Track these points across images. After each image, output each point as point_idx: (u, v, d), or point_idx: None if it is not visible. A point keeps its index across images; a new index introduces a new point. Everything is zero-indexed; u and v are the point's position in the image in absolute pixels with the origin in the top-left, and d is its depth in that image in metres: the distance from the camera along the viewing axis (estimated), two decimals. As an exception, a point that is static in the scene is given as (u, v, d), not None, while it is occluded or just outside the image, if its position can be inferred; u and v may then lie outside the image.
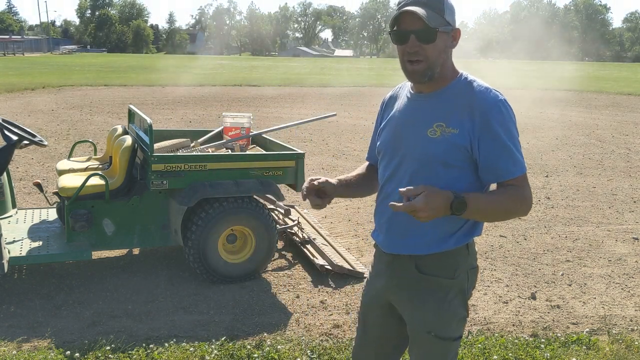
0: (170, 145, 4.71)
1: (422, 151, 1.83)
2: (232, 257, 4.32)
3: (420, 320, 1.93)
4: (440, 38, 1.78)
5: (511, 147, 1.78)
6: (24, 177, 7.36)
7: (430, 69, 1.80)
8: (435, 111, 1.84)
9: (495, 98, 1.78)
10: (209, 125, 11.97)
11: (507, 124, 1.78)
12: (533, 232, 5.79)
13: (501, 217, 1.91)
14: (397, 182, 1.89)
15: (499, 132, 1.76)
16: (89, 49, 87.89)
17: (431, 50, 1.78)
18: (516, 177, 1.80)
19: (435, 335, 1.91)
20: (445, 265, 1.89)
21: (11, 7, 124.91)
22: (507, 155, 1.78)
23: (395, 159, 1.92)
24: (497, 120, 1.77)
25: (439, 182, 1.78)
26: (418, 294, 1.93)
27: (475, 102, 1.78)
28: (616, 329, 3.78)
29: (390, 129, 1.96)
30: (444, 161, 1.80)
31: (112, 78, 25.77)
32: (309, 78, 29.51)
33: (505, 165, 1.79)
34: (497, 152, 1.77)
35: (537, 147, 10.77)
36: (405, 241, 1.91)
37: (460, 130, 1.78)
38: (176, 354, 3.30)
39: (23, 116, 12.92)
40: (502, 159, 1.78)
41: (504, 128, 1.77)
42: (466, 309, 1.95)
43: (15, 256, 3.88)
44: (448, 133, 1.79)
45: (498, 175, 1.81)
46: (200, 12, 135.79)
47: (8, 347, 3.33)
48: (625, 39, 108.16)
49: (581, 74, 39.03)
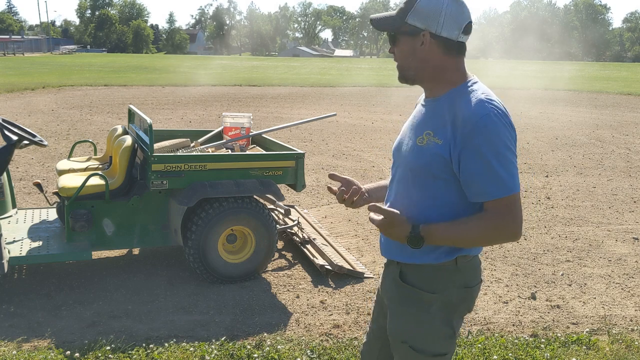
0: (170, 145, 4.71)
1: (410, 159, 1.81)
2: (232, 257, 4.32)
3: (395, 328, 1.91)
4: (403, 41, 1.78)
5: (494, 165, 1.64)
6: (24, 177, 7.36)
7: (401, 70, 1.83)
8: (428, 119, 1.80)
9: (483, 111, 1.66)
10: (209, 125, 11.98)
11: (491, 140, 1.64)
12: (533, 232, 5.79)
13: (478, 244, 1.81)
14: (395, 189, 1.91)
15: (480, 148, 1.64)
16: (89, 49, 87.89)
17: (397, 53, 1.82)
18: (498, 199, 1.66)
19: (410, 346, 1.86)
20: (426, 278, 1.84)
21: (11, 7, 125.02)
22: (488, 174, 1.65)
23: (396, 165, 1.93)
24: (481, 135, 1.64)
25: (428, 193, 1.76)
26: (398, 301, 1.90)
27: (461, 113, 1.68)
28: (616, 329, 3.78)
29: (400, 133, 1.98)
30: (429, 171, 1.75)
31: (112, 78, 25.77)
32: (309, 78, 29.51)
33: (484, 185, 1.66)
34: (477, 169, 1.65)
35: (537, 147, 10.78)
36: (393, 247, 1.89)
37: (444, 141, 1.70)
38: (176, 354, 3.30)
39: (23, 116, 12.92)
40: (482, 178, 1.66)
41: (487, 144, 1.64)
42: (452, 326, 1.86)
43: (15, 256, 3.88)
44: (432, 143, 1.73)
45: (477, 195, 1.69)
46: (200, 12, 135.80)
47: (8, 347, 3.33)
48: (625, 39, 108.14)
49: (581, 74, 39.05)
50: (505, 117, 1.69)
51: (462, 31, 1.77)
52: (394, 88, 23.79)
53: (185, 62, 49.30)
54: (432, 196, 1.77)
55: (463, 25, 1.77)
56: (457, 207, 1.76)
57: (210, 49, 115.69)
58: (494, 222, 1.69)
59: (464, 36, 1.79)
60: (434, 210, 1.77)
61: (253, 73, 33.33)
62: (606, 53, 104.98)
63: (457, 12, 1.75)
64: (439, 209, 1.77)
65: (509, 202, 1.67)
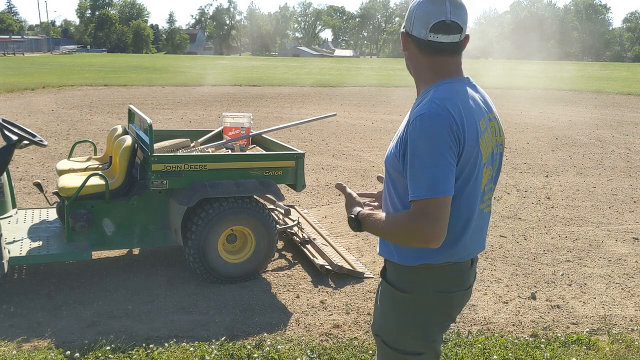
0: (170, 145, 4.71)
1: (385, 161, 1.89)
2: (232, 257, 4.32)
3: (373, 321, 2.04)
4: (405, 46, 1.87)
5: (416, 166, 1.66)
6: (24, 177, 7.36)
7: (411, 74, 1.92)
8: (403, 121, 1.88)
9: (420, 111, 1.70)
10: (209, 125, 11.98)
11: (420, 141, 1.66)
12: (533, 232, 5.79)
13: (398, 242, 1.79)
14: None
15: (411, 148, 1.68)
16: (89, 49, 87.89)
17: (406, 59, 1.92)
18: (416, 200, 1.66)
19: (383, 340, 1.95)
20: (401, 277, 1.88)
21: (11, 7, 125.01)
22: (411, 174, 1.68)
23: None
24: (412, 135, 1.68)
25: (392, 189, 1.84)
26: (378, 295, 2.00)
27: (409, 115, 1.78)
28: (616, 329, 3.78)
29: None
30: (391, 168, 1.82)
31: (112, 78, 25.77)
32: (309, 78, 29.51)
33: (409, 184, 1.69)
34: (407, 168, 1.70)
35: (537, 147, 10.78)
36: (381, 244, 1.96)
37: (398, 141, 1.78)
38: (176, 354, 3.30)
39: (23, 116, 12.92)
40: (408, 176, 1.70)
41: (416, 144, 1.66)
42: (425, 329, 1.88)
43: (15, 256, 3.88)
44: (393, 142, 1.81)
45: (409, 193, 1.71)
46: (200, 12, 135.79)
47: (8, 347, 3.33)
48: (625, 39, 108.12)
49: (581, 74, 39.04)
50: (445, 117, 1.66)
51: (429, 30, 1.73)
52: (394, 88, 23.80)
53: (185, 62, 49.30)
54: (395, 194, 1.84)
55: (431, 23, 1.73)
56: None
57: (210, 49, 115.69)
58: (409, 223, 1.68)
59: (435, 35, 1.74)
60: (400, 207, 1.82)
61: (258, 73, 33.33)
62: (606, 53, 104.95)
63: (427, 11, 1.73)
64: (402, 205, 1.81)
65: (425, 206, 1.64)
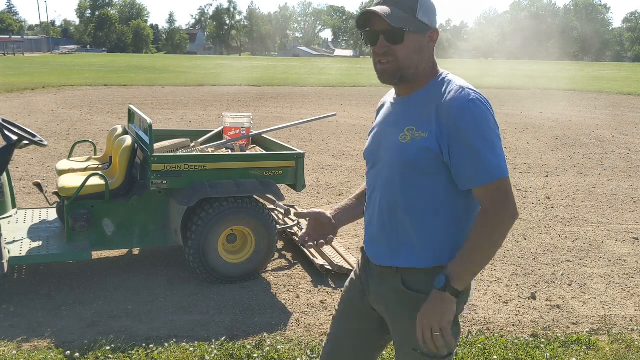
0: (170, 145, 4.71)
1: (394, 157, 1.76)
2: (232, 257, 4.32)
3: (405, 337, 1.84)
4: (410, 38, 1.70)
5: (482, 149, 1.64)
6: (24, 177, 7.36)
7: (400, 70, 1.73)
8: (408, 115, 1.77)
9: (465, 97, 1.67)
10: (209, 125, 11.98)
11: (478, 125, 1.65)
12: (533, 232, 5.79)
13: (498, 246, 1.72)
14: (379, 192, 1.83)
15: (467, 134, 1.64)
16: (89, 49, 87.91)
17: (401, 51, 1.71)
18: (489, 184, 1.66)
19: (422, 352, 1.80)
20: (428, 281, 1.77)
21: (11, 7, 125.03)
22: (477, 159, 1.65)
23: (376, 166, 1.87)
24: (466, 121, 1.65)
25: (414, 190, 1.74)
26: (404, 310, 1.82)
27: (443, 102, 1.69)
28: (616, 329, 3.78)
29: (374, 135, 1.91)
30: (415, 167, 1.72)
31: (112, 78, 25.77)
32: (309, 78, 29.51)
33: (475, 170, 1.66)
34: (466, 155, 1.65)
35: (537, 147, 10.78)
36: (395, 254, 1.82)
37: (429, 133, 1.69)
38: (176, 354, 3.30)
39: (23, 116, 12.92)
40: (471, 163, 1.66)
41: (473, 129, 1.65)
42: (457, 323, 1.85)
43: (15, 256, 3.88)
44: (418, 137, 1.70)
45: (468, 181, 1.68)
46: (200, 12, 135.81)
47: (8, 347, 3.33)
48: (625, 39, 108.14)
49: (581, 74, 39.04)
50: (488, 102, 1.72)
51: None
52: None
53: (185, 62, 49.29)
54: (423, 192, 1.74)
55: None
56: (447, 200, 1.75)
57: (210, 49, 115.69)
58: (494, 212, 1.66)
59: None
60: (427, 207, 1.75)
61: (271, 72, 33.33)
62: (606, 53, 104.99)
63: (434, 5, 1.78)
64: (430, 205, 1.75)
65: (501, 185, 1.66)
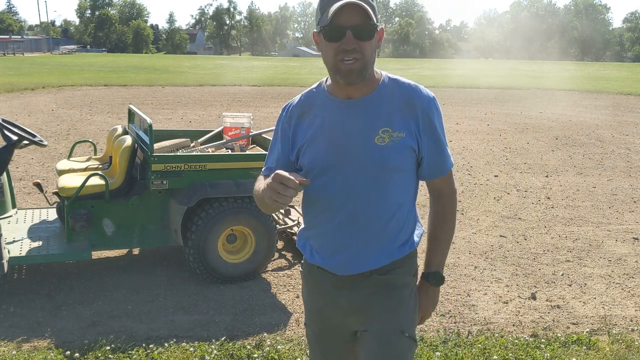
0: (170, 145, 4.70)
1: (373, 160, 1.72)
2: (232, 257, 4.32)
3: (394, 321, 1.83)
4: (373, 36, 1.68)
5: (444, 142, 1.82)
6: (24, 177, 7.36)
7: (365, 69, 1.68)
8: (375, 116, 1.73)
9: (428, 94, 1.78)
10: (209, 125, 11.97)
11: (441, 119, 1.81)
12: (533, 232, 5.79)
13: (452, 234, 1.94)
14: (349, 197, 1.76)
15: (437, 129, 1.78)
16: (89, 49, 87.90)
17: (367, 47, 1.67)
18: (449, 172, 1.87)
19: (409, 335, 1.83)
20: (406, 267, 1.86)
21: (11, 7, 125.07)
22: (443, 151, 1.81)
23: (340, 174, 1.75)
24: (435, 116, 1.77)
25: (392, 189, 1.76)
26: (385, 296, 1.83)
27: (413, 101, 1.75)
28: (616, 329, 3.78)
29: (323, 141, 1.77)
30: (397, 167, 1.75)
31: (112, 78, 25.77)
32: (309, 78, 29.50)
33: (442, 161, 1.82)
34: (438, 149, 1.80)
35: (537, 147, 10.77)
36: (366, 258, 1.79)
37: (407, 132, 1.73)
38: (176, 354, 3.30)
39: (23, 116, 12.92)
40: (441, 155, 1.81)
41: (439, 124, 1.79)
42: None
43: (15, 256, 3.88)
44: (396, 138, 1.72)
45: (436, 172, 1.83)
46: (200, 12, 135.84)
47: (8, 347, 3.33)
48: (625, 39, 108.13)
49: (581, 74, 39.03)
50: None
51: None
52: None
53: (185, 62, 49.29)
54: (400, 190, 1.79)
55: None
56: (414, 192, 1.87)
57: (210, 49, 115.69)
58: (454, 198, 1.91)
59: None
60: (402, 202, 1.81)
61: (267, 72, 33.34)
62: (606, 53, 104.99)
63: None
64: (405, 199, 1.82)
65: (451, 174, 1.89)
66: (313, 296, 1.95)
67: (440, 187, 1.88)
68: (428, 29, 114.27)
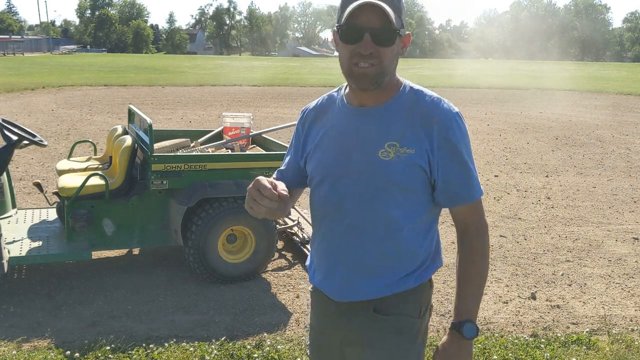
0: (170, 145, 4.71)
1: (374, 176, 1.56)
2: (232, 257, 4.32)
3: None
4: (397, 41, 1.53)
5: (470, 165, 1.58)
6: (24, 177, 7.36)
7: (382, 76, 1.53)
8: (385, 129, 1.57)
9: (450, 111, 1.56)
10: (209, 125, 11.98)
11: (465, 140, 1.57)
12: (533, 232, 5.79)
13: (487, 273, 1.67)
14: (345, 212, 1.61)
15: (457, 149, 1.55)
16: (89, 49, 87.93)
17: (387, 54, 1.51)
18: (476, 202, 1.60)
19: None
20: (409, 303, 1.63)
21: (11, 7, 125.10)
22: (467, 175, 1.58)
23: (337, 187, 1.61)
24: (456, 135, 1.54)
25: (397, 209, 1.56)
26: (378, 337, 1.63)
27: (430, 115, 1.54)
28: (616, 329, 3.78)
29: (328, 150, 1.64)
30: (402, 186, 1.55)
31: (112, 78, 25.77)
32: (309, 78, 29.50)
33: (464, 187, 1.58)
34: (457, 172, 1.56)
35: (537, 147, 10.78)
36: (361, 284, 1.62)
37: (417, 149, 1.53)
38: (176, 354, 3.30)
39: (23, 116, 12.92)
40: (462, 180, 1.57)
41: (463, 144, 1.56)
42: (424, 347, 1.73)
43: (15, 256, 3.88)
44: (403, 154, 1.53)
45: (455, 199, 1.59)
46: (200, 12, 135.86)
47: (8, 347, 3.33)
48: (625, 39, 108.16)
49: (581, 74, 39.04)
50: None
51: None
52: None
53: (185, 62, 49.30)
54: (406, 211, 1.58)
55: None
56: (428, 218, 1.63)
57: (210, 49, 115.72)
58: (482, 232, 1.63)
59: None
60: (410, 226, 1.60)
61: (267, 72, 33.34)
62: (606, 53, 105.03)
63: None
64: (413, 224, 1.60)
65: (479, 203, 1.63)
66: (314, 317, 1.80)
67: (463, 218, 1.62)
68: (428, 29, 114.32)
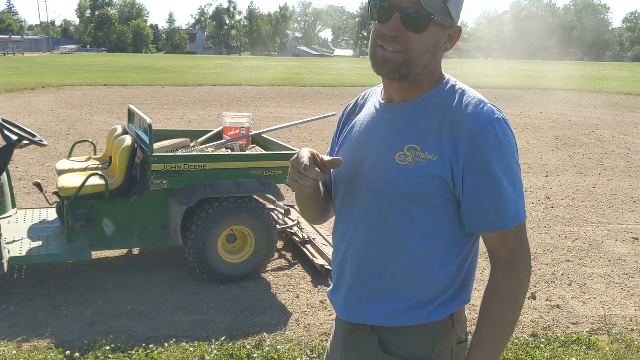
0: (170, 145, 4.71)
1: (387, 183, 1.34)
2: (232, 257, 4.32)
3: None
4: (433, 30, 1.30)
5: (504, 183, 1.29)
6: (24, 177, 7.36)
7: (407, 66, 1.31)
8: (408, 129, 1.35)
9: (489, 116, 1.29)
10: (209, 125, 11.97)
11: (503, 153, 1.29)
12: (533, 232, 5.79)
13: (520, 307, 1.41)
14: (356, 225, 1.42)
15: (489, 163, 1.28)
16: (89, 49, 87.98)
17: (416, 42, 1.29)
18: (509, 229, 1.32)
19: None
20: (418, 342, 1.39)
21: (11, 7, 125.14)
22: (497, 196, 1.29)
23: (351, 192, 1.43)
24: (491, 146, 1.27)
25: (412, 226, 1.34)
26: None
27: (461, 119, 1.30)
28: (616, 329, 3.78)
29: (348, 150, 1.46)
30: (416, 198, 1.32)
31: (112, 78, 25.77)
32: (309, 78, 29.51)
33: (494, 211, 1.30)
34: (486, 191, 1.29)
35: (537, 147, 10.78)
36: (365, 307, 1.42)
37: (440, 156, 1.30)
38: (176, 354, 3.30)
39: (23, 116, 12.92)
40: (492, 201, 1.30)
41: (498, 158, 1.28)
42: None
43: (15, 256, 3.88)
44: (423, 160, 1.30)
45: (482, 224, 1.33)
46: (200, 12, 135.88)
47: (8, 347, 3.33)
48: (625, 39, 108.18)
49: (581, 74, 39.04)
50: (508, 123, 1.34)
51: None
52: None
53: (185, 62, 49.30)
54: (424, 230, 1.35)
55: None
56: (453, 240, 1.38)
57: (210, 49, 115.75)
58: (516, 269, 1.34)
59: None
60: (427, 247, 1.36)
61: (267, 72, 33.35)
62: (606, 53, 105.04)
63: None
64: (432, 245, 1.36)
65: (519, 232, 1.33)
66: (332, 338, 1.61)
67: (493, 248, 1.36)
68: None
